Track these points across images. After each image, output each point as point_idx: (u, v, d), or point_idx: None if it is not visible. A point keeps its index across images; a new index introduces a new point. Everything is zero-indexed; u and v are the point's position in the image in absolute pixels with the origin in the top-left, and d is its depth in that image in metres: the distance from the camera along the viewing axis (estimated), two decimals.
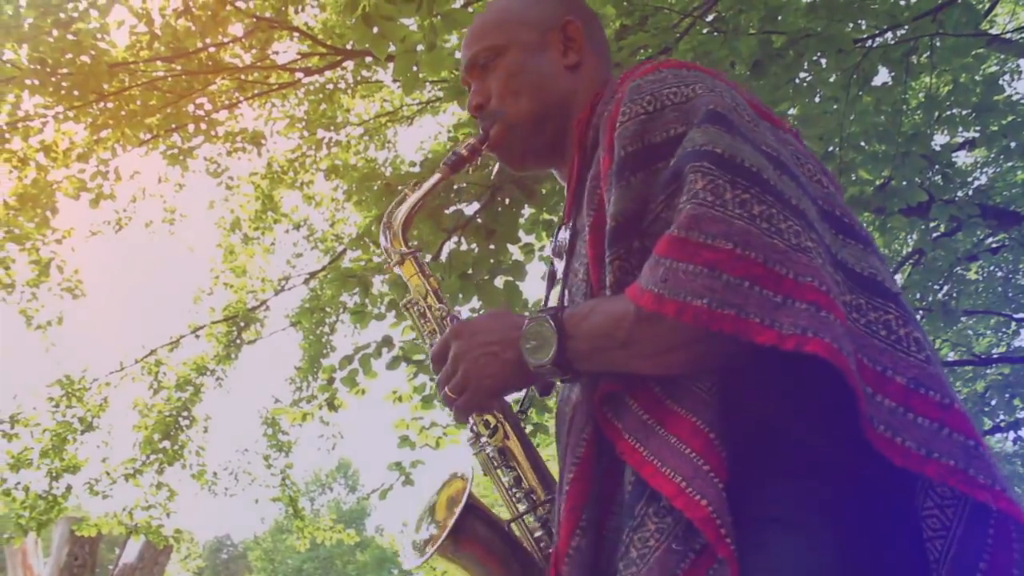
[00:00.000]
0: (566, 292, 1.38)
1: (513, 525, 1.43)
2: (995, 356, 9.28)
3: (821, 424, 1.09)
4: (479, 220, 4.47)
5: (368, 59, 7.15)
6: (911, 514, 1.04)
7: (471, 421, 1.45)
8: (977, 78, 6.05)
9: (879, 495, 1.07)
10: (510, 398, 1.47)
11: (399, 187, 4.22)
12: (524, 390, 1.38)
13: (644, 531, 1.06)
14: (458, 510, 1.44)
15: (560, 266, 1.44)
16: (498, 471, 1.44)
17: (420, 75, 4.08)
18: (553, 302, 1.49)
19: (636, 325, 1.08)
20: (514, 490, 1.43)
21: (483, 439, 1.44)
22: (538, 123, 1.43)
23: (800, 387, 1.08)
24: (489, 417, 1.44)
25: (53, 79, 6.11)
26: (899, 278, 8.04)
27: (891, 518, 1.08)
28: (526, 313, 1.27)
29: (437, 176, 1.50)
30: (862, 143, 5.49)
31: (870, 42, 5.08)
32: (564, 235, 1.43)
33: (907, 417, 0.98)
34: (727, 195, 1.04)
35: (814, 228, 1.06)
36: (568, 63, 1.44)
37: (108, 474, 8.53)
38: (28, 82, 6.12)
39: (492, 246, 4.46)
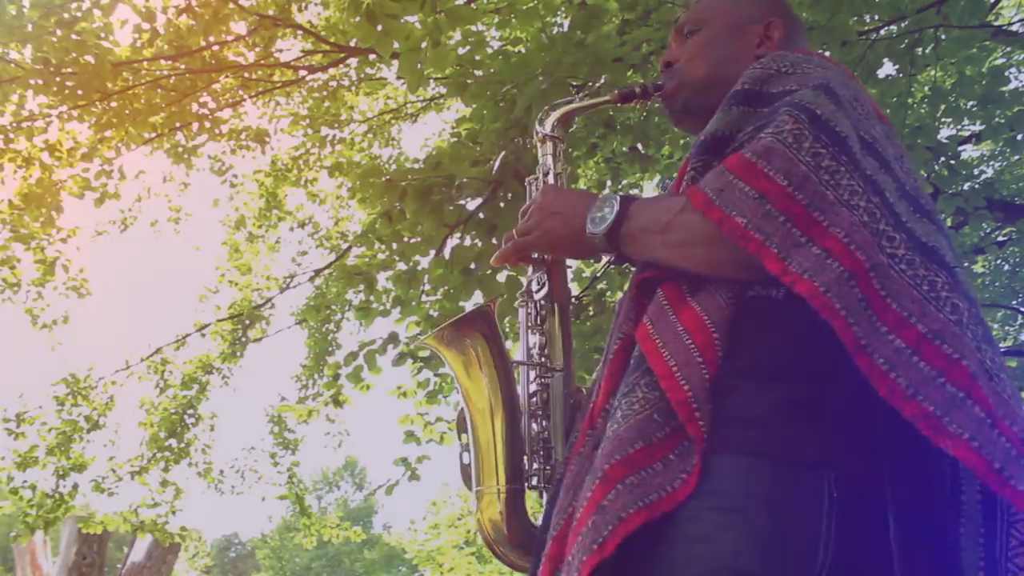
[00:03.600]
0: None
1: (518, 368, 1.58)
2: (1002, 349, 9.26)
3: (816, 365, 1.15)
4: (481, 215, 4.46)
5: (372, 56, 7.15)
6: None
7: (530, 273, 1.58)
8: (983, 70, 6.02)
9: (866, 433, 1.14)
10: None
11: (402, 183, 4.22)
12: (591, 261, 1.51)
13: (632, 397, 1.17)
14: (475, 308, 1.62)
15: None
16: (530, 330, 1.57)
17: (425, 72, 4.08)
18: None
19: (680, 214, 1.23)
20: (535, 349, 1.55)
21: (534, 295, 1.58)
22: (706, 88, 1.52)
23: (801, 331, 1.14)
24: (543, 277, 1.57)
25: (57, 79, 6.12)
26: None
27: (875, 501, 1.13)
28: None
29: (606, 96, 1.65)
30: None
31: (874, 35, 5.06)
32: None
33: (911, 360, 1.02)
34: (805, 143, 1.15)
35: (882, 195, 1.14)
36: (759, 52, 1.52)
37: (115, 472, 8.56)
38: (32, 82, 6.13)
39: (495, 241, 4.45)
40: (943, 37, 5.15)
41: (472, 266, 4.40)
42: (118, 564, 11.70)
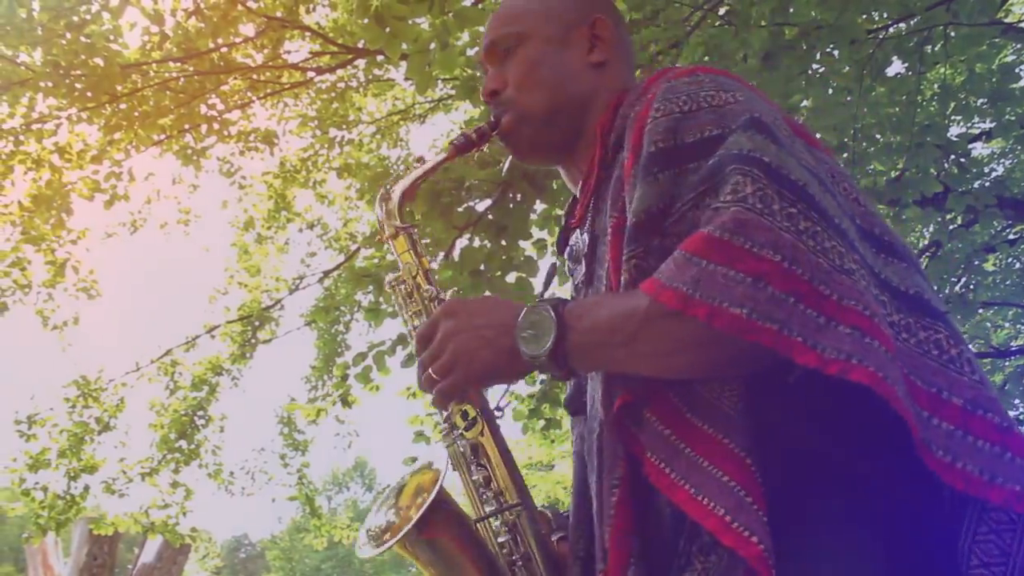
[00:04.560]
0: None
1: (479, 526, 1.36)
2: (1014, 348, 9.21)
3: (863, 450, 1.04)
4: (490, 217, 4.46)
5: (380, 57, 7.16)
6: (954, 541, 1.00)
7: (448, 410, 1.36)
8: (993, 67, 6.00)
9: (926, 523, 1.04)
10: (494, 392, 1.41)
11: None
12: (506, 385, 1.34)
13: (691, 571, 1.01)
14: (427, 500, 1.35)
15: (579, 271, 1.36)
16: (469, 467, 1.36)
17: (433, 74, 4.08)
18: None
19: (647, 322, 1.03)
20: (483, 490, 1.35)
21: (458, 431, 1.35)
22: (551, 117, 1.38)
23: (833, 413, 1.04)
24: (468, 408, 1.35)
25: (67, 81, 6.15)
26: None
27: (938, 546, 1.03)
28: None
29: (443, 156, 1.45)
30: (876, 134, 5.45)
31: (883, 32, 5.05)
32: (581, 238, 1.36)
33: (967, 440, 0.94)
34: (775, 206, 0.99)
35: (856, 249, 1.02)
36: (593, 60, 1.39)
37: (125, 473, 8.58)
38: (42, 84, 6.16)
39: (504, 242, 4.45)
40: (952, 35, 5.13)
41: (481, 267, 4.40)
42: (129, 565, 11.74)
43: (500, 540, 1.33)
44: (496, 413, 1.39)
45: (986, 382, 0.99)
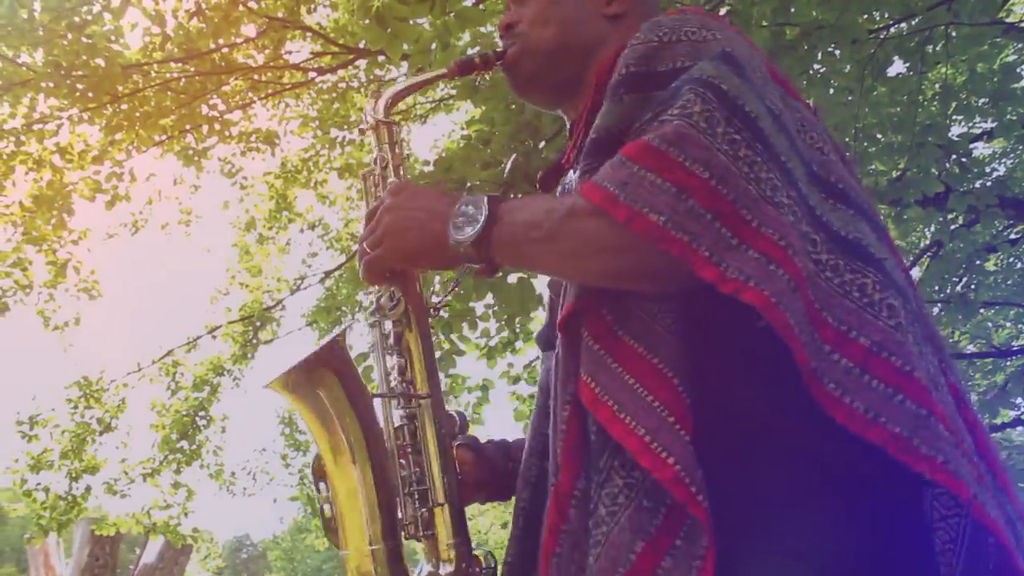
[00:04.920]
0: None
1: (378, 402, 1.36)
2: (1015, 348, 9.20)
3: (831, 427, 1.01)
4: None
5: (381, 57, 7.16)
6: (921, 522, 0.99)
7: (378, 291, 1.36)
8: (994, 67, 5.99)
9: (884, 497, 1.02)
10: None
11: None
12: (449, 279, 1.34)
13: (612, 486, 1.01)
14: (323, 344, 1.36)
15: None
16: (387, 352, 1.35)
17: None
18: None
19: (570, 217, 1.05)
20: (396, 376, 1.34)
21: (386, 311, 1.35)
22: (555, 55, 1.38)
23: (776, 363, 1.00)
24: (396, 291, 1.34)
25: (68, 81, 6.15)
26: (917, 271, 7.98)
27: (899, 523, 1.02)
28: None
29: (443, 71, 1.46)
30: (877, 134, 5.44)
31: (884, 32, 5.04)
32: (573, 177, 1.35)
33: (863, 379, 0.94)
34: (719, 128, 1.01)
35: (796, 187, 1.03)
36: (610, 12, 1.39)
37: (127, 474, 8.59)
38: (43, 85, 6.17)
39: None
40: (954, 34, 5.13)
41: None
42: (130, 565, 11.74)
43: (396, 425, 1.33)
44: (432, 312, 1.41)
45: (902, 328, 0.97)
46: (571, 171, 1.37)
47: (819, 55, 4.72)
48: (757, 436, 1.05)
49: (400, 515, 1.32)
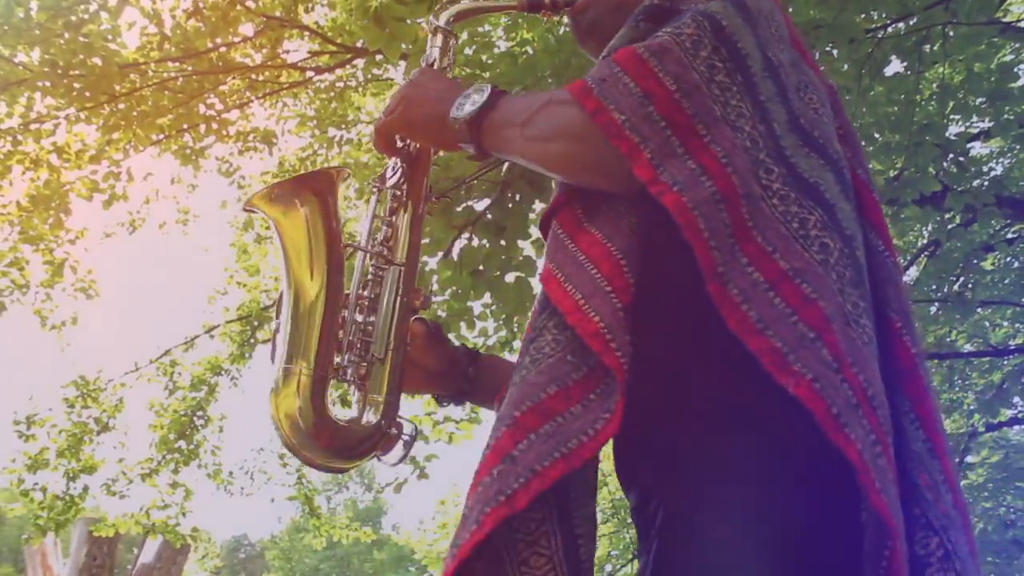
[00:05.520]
0: None
1: (352, 253, 1.44)
2: (1012, 347, 9.21)
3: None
4: (489, 216, 4.46)
5: (378, 57, 7.15)
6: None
7: (392, 162, 1.45)
8: (991, 67, 6.00)
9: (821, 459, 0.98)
10: None
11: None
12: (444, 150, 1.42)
13: (541, 340, 1.08)
14: (318, 170, 1.47)
15: None
16: (376, 219, 1.44)
17: None
18: None
19: (548, 104, 1.14)
20: (379, 239, 1.42)
21: (387, 181, 1.45)
22: (618, 7, 1.41)
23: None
24: (403, 169, 1.43)
25: (65, 81, 6.14)
26: (915, 270, 7.99)
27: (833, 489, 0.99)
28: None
29: (513, 2, 1.53)
30: (875, 133, 5.45)
31: (881, 32, 5.05)
32: None
33: (767, 295, 0.97)
34: (703, 52, 1.08)
35: (769, 124, 1.08)
36: None
37: (124, 474, 8.57)
38: (40, 84, 6.16)
39: (503, 242, 4.45)
40: (951, 34, 5.13)
41: (480, 267, 4.40)
42: (128, 565, 11.74)
43: (363, 278, 1.39)
44: (432, 200, 1.50)
45: (827, 265, 0.99)
46: None
47: (816, 54, 4.72)
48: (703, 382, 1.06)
49: (338, 359, 1.36)
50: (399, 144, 1.42)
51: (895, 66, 5.25)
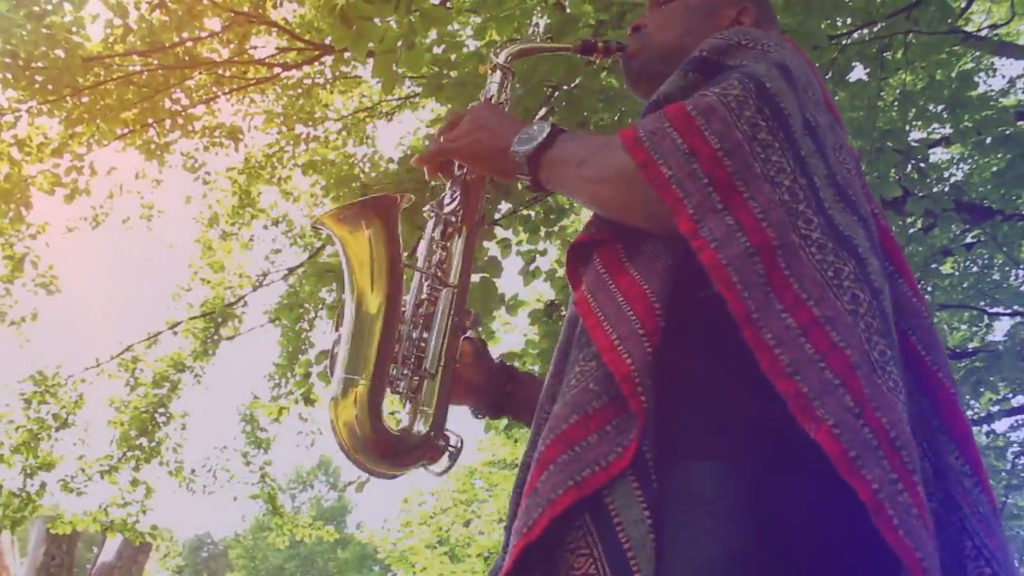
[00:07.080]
0: None
1: (410, 272, 1.51)
2: (970, 349, 9.37)
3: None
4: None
5: (346, 54, 7.13)
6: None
7: (449, 187, 1.53)
8: (952, 75, 6.09)
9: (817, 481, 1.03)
10: None
11: (376, 187, 4.21)
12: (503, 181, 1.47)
13: (571, 373, 1.16)
14: (385, 195, 1.54)
15: None
16: (432, 243, 1.51)
17: (399, 72, 4.07)
18: None
19: (602, 149, 1.22)
20: (433, 259, 1.50)
21: (444, 207, 1.52)
22: (667, 56, 1.51)
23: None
24: (460, 195, 1.51)
25: (26, 73, 6.06)
26: None
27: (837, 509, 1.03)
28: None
29: (568, 44, 1.65)
30: None
31: (845, 39, 5.12)
32: None
33: (798, 340, 1.02)
34: (747, 112, 1.14)
35: (810, 178, 1.14)
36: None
37: (84, 471, 8.47)
38: (1, 76, 6.06)
39: None
40: (913, 42, 5.21)
41: None
42: (88, 564, 11.59)
43: (421, 297, 1.49)
44: (484, 227, 1.58)
45: (857, 315, 1.05)
46: None
47: None
48: (705, 396, 1.13)
49: (393, 371, 1.44)
50: (456, 171, 1.52)
51: (858, 72, 5.33)
